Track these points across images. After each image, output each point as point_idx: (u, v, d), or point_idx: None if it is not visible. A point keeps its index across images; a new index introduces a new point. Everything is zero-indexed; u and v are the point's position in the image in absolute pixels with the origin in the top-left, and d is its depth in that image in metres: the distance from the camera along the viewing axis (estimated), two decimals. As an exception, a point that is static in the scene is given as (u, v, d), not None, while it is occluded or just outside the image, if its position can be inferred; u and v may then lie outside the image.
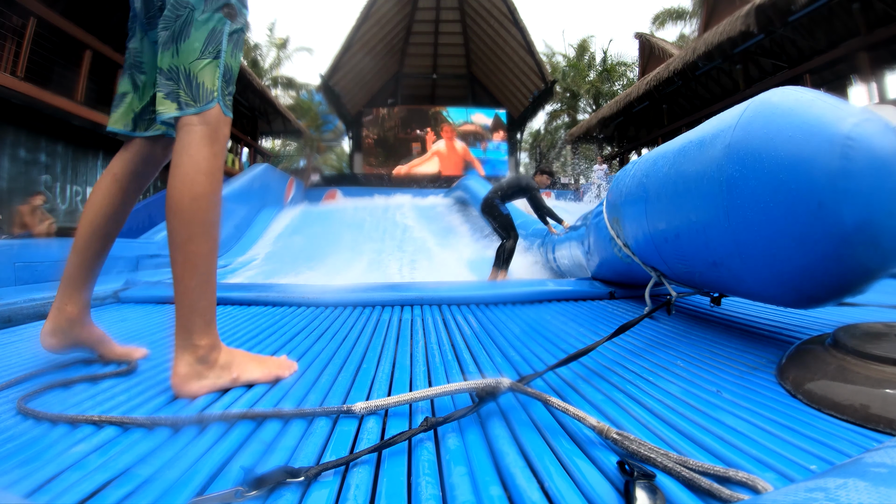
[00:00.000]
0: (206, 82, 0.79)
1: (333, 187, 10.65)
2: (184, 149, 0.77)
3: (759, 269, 0.93)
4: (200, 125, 0.78)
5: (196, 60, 0.79)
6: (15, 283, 2.29)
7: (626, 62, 16.67)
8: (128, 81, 0.93)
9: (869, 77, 6.93)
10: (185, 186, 0.76)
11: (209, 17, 0.80)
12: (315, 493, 0.48)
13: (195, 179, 0.76)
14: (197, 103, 0.78)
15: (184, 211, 0.75)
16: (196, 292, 0.76)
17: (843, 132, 0.77)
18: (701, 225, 1.04)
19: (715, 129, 1.01)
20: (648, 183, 1.29)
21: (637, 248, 1.43)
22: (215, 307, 0.81)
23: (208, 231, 0.77)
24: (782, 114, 0.85)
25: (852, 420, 0.64)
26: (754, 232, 0.88)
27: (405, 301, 1.74)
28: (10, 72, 5.44)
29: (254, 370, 0.82)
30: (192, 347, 0.76)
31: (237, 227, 6.55)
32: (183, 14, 0.78)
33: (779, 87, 0.94)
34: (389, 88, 15.62)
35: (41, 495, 0.48)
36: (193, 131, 0.77)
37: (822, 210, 0.77)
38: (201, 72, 0.79)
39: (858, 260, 0.80)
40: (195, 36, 0.79)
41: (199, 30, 0.79)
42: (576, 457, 0.55)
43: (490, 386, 0.66)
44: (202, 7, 0.79)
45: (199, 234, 0.76)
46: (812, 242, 0.81)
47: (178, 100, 0.78)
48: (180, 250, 0.76)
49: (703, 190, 0.99)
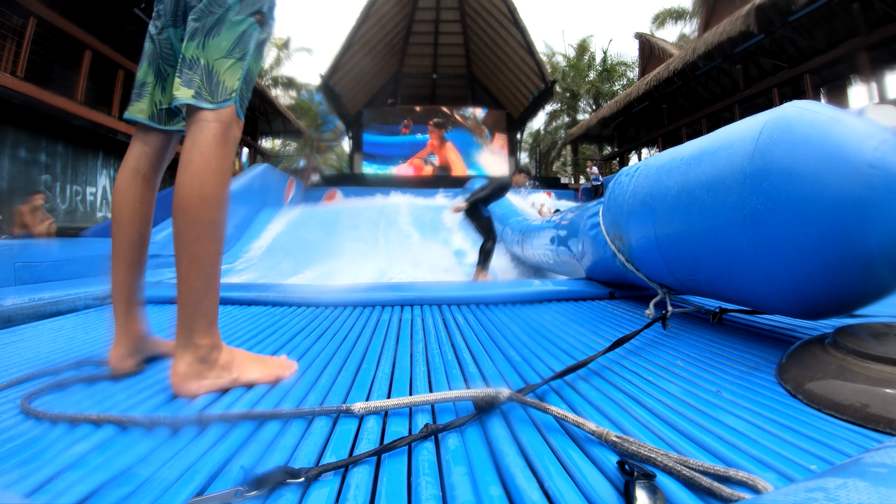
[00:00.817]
0: (226, 81, 0.79)
1: (333, 187, 10.64)
2: (195, 146, 0.76)
3: (785, 294, 0.93)
4: (215, 122, 0.77)
5: (222, 59, 0.79)
6: (15, 283, 2.29)
7: (626, 62, 16.67)
8: (150, 71, 0.90)
9: (869, 77, 6.93)
10: (194, 185, 0.75)
11: (242, 20, 0.80)
12: (315, 493, 0.48)
13: (205, 178, 0.75)
14: (214, 99, 0.77)
15: (192, 210, 0.75)
16: (200, 292, 0.76)
17: (866, 160, 0.77)
18: (723, 255, 1.03)
19: (729, 154, 0.99)
20: (655, 204, 1.26)
21: (645, 267, 1.42)
22: (218, 307, 0.81)
23: (215, 231, 0.77)
24: (802, 141, 0.84)
25: (852, 420, 0.64)
26: (781, 263, 0.88)
27: (405, 301, 1.74)
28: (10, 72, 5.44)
29: (254, 370, 0.82)
30: (193, 347, 0.76)
31: (237, 226, 6.55)
32: (218, 12, 0.78)
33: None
34: (389, 88, 15.61)
35: (41, 495, 0.48)
36: (207, 128, 0.77)
37: (849, 240, 0.79)
38: (224, 70, 0.79)
39: (881, 281, 0.83)
40: (225, 35, 0.79)
41: (231, 30, 0.79)
42: (576, 457, 0.55)
43: (490, 396, 0.66)
44: (237, 8, 0.80)
45: (205, 234, 0.75)
46: (840, 270, 0.82)
47: (195, 89, 0.77)
48: (186, 249, 0.75)
49: (724, 220, 0.98)
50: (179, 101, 0.77)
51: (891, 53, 6.60)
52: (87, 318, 1.58)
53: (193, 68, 0.77)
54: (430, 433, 0.59)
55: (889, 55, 6.65)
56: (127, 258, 0.88)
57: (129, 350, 0.89)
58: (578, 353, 1.03)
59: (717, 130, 1.14)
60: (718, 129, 1.14)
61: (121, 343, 0.88)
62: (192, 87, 0.77)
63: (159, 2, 0.89)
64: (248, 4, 0.81)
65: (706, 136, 1.17)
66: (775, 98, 8.04)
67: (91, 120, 6.57)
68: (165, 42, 0.89)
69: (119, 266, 0.88)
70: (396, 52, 14.67)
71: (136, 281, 0.91)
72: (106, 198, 7.40)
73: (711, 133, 1.16)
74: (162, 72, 0.91)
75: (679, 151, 1.25)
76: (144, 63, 0.91)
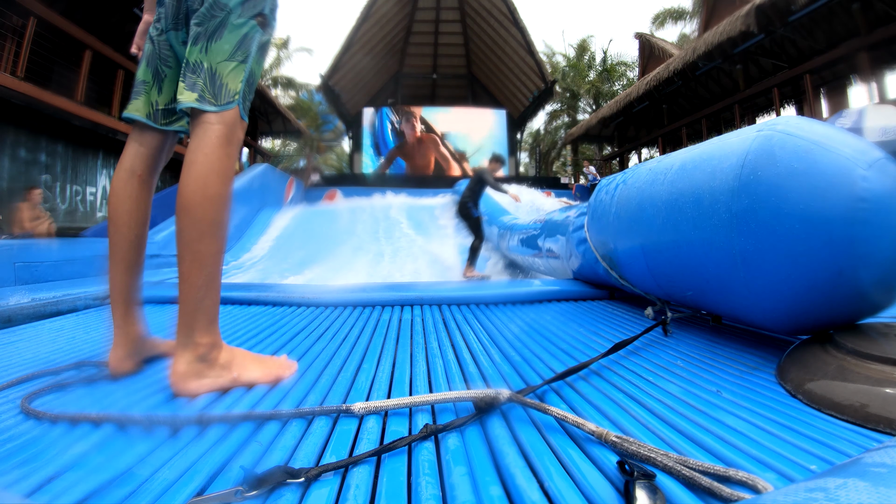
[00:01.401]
0: (229, 83, 0.81)
1: (333, 187, 10.64)
2: (199, 147, 0.78)
3: (779, 322, 0.93)
4: (218, 124, 0.79)
5: (224, 62, 0.80)
6: (15, 283, 2.29)
7: (626, 62, 16.64)
8: (149, 71, 0.92)
9: (869, 77, 6.92)
10: (198, 185, 0.76)
11: (244, 23, 0.82)
12: (315, 493, 0.48)
13: (208, 179, 0.77)
14: (217, 102, 0.79)
15: (195, 209, 0.76)
16: (202, 290, 0.76)
17: (855, 194, 0.75)
18: (716, 290, 1.02)
19: (711, 188, 0.95)
20: (642, 232, 1.25)
21: (640, 286, 1.43)
22: (219, 306, 0.81)
23: (217, 231, 0.78)
24: (787, 174, 0.80)
25: (852, 420, 0.64)
26: (776, 300, 0.87)
27: (405, 301, 1.74)
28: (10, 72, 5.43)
29: (254, 370, 0.82)
30: (193, 345, 0.76)
31: (237, 226, 6.56)
32: (219, 16, 0.80)
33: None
34: (389, 88, 15.61)
35: (41, 495, 0.48)
36: (211, 130, 0.78)
37: (841, 276, 0.78)
38: (227, 73, 0.80)
39: (873, 305, 0.83)
40: (227, 38, 0.80)
41: (233, 33, 0.81)
42: (576, 457, 0.55)
43: (490, 397, 0.66)
44: (239, 11, 0.81)
45: (208, 234, 0.76)
46: (833, 303, 0.82)
47: (199, 92, 0.78)
48: (188, 248, 0.76)
49: (715, 257, 0.96)
50: (184, 104, 0.78)
51: (891, 53, 6.60)
52: (87, 318, 1.58)
53: (197, 72, 0.79)
54: (430, 433, 0.59)
55: (889, 55, 6.64)
56: (124, 259, 0.88)
57: (128, 352, 0.89)
58: (578, 353, 1.03)
59: (698, 148, 1.10)
60: (699, 147, 1.09)
61: (119, 345, 0.88)
62: (195, 90, 0.78)
63: (160, 4, 0.90)
64: (249, 7, 0.82)
65: (686, 154, 1.13)
66: (775, 98, 8.03)
67: (91, 120, 6.57)
68: (164, 44, 0.90)
69: (116, 268, 0.88)
70: (396, 52, 14.67)
71: (133, 282, 0.90)
72: (106, 198, 7.40)
73: (692, 152, 1.11)
74: (160, 72, 0.92)
75: (658, 172, 1.21)
76: (143, 63, 0.93)
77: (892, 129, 4.83)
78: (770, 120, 0.93)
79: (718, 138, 1.06)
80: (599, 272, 1.71)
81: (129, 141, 0.93)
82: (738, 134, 0.98)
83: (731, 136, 0.99)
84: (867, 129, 4.87)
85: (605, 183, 1.61)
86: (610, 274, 1.56)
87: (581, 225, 1.86)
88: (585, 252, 1.80)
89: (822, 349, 0.80)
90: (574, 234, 1.99)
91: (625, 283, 1.50)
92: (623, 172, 1.51)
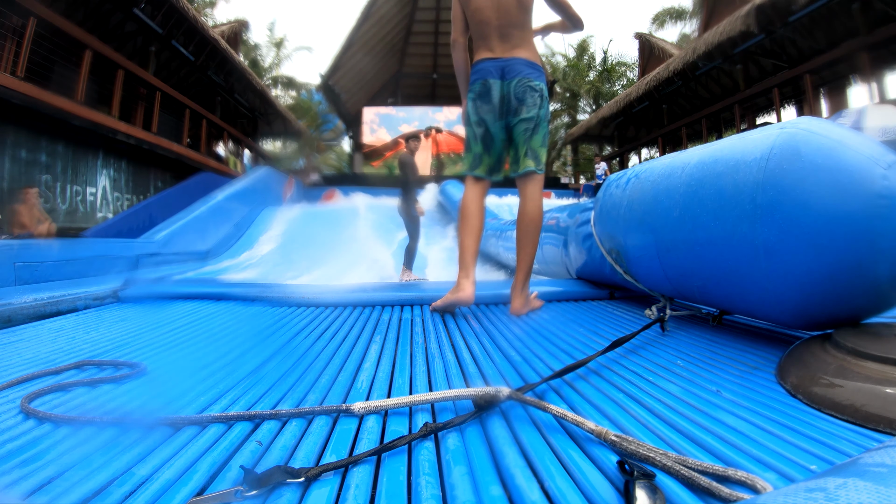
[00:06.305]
0: (542, 156, 1.60)
1: (332, 187, 10.64)
2: (533, 190, 1.60)
3: (795, 315, 0.94)
4: (539, 179, 1.60)
5: (541, 147, 1.60)
6: (15, 283, 2.29)
7: (626, 62, 16.64)
8: (481, 146, 1.63)
9: (869, 77, 6.92)
10: (535, 210, 1.59)
11: (546, 125, 1.62)
12: (315, 493, 0.48)
13: (537, 206, 1.59)
14: (538, 166, 1.59)
15: (536, 221, 1.59)
16: (529, 265, 1.58)
17: (875, 190, 0.78)
18: (734, 282, 1.03)
19: (735, 180, 0.97)
20: (656, 225, 1.25)
21: (646, 281, 1.43)
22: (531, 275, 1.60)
23: (538, 235, 1.61)
24: (812, 169, 0.83)
25: (852, 420, 0.64)
26: (794, 290, 0.89)
27: (405, 301, 1.74)
28: (10, 72, 5.43)
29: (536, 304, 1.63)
30: (523, 292, 1.56)
31: (237, 225, 6.56)
32: (541, 124, 1.58)
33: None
34: (389, 88, 15.60)
35: (41, 495, 0.48)
36: (536, 180, 1.60)
37: (860, 268, 0.80)
38: (541, 151, 1.60)
39: (888, 300, 0.86)
40: (541, 132, 1.60)
41: (544, 131, 1.61)
42: (576, 456, 0.55)
43: (489, 395, 0.66)
44: (546, 119, 1.61)
45: (536, 234, 1.60)
46: (850, 295, 0.84)
47: (536, 162, 1.58)
48: (531, 241, 1.59)
49: (735, 248, 0.97)
50: (527, 168, 1.58)
51: (891, 53, 6.60)
52: (87, 318, 1.58)
53: (533, 152, 1.58)
54: (430, 432, 0.59)
55: (889, 55, 6.64)
56: (473, 234, 1.61)
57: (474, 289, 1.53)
58: (578, 353, 1.03)
59: (716, 144, 1.12)
60: (718, 143, 1.11)
61: (470, 284, 1.53)
62: (534, 161, 1.58)
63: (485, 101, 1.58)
64: (547, 111, 1.61)
65: (704, 149, 1.15)
66: (775, 98, 8.03)
67: (91, 120, 6.56)
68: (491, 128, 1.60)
69: (470, 238, 1.60)
70: (396, 52, 14.66)
71: (476, 247, 1.62)
72: (106, 198, 7.38)
73: (710, 148, 1.13)
74: (487, 146, 1.63)
75: (675, 166, 1.22)
76: (479, 142, 1.63)
77: (892, 129, 4.83)
78: (792, 119, 0.96)
79: (737, 136, 1.08)
80: (605, 269, 1.71)
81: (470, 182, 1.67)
82: (759, 131, 1.00)
83: (751, 134, 1.02)
84: (867, 129, 4.86)
85: (614, 178, 1.62)
86: (615, 269, 1.56)
87: (586, 220, 1.86)
88: (591, 248, 1.80)
89: (822, 349, 0.80)
90: (579, 230, 1.99)
91: (628, 279, 1.50)
92: (633, 167, 1.53)
